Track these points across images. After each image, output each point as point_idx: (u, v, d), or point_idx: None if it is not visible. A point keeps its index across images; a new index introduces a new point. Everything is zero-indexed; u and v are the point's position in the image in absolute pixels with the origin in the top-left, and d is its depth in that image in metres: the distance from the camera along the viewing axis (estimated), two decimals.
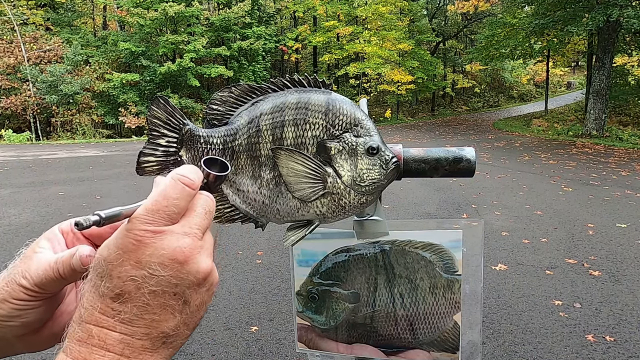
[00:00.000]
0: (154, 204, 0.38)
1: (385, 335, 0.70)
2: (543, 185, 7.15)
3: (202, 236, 0.40)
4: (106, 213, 0.36)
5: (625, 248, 4.21)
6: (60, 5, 22.55)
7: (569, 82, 36.21)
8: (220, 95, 0.54)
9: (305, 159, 0.51)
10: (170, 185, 0.39)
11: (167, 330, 0.38)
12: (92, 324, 0.36)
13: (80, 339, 0.36)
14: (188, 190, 0.39)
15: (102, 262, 0.37)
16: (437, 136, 16.44)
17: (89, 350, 0.35)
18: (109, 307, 0.36)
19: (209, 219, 0.41)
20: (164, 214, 0.37)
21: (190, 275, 0.38)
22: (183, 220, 0.39)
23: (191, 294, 0.38)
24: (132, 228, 0.37)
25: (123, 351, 0.36)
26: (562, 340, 2.72)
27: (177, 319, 0.38)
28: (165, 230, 0.37)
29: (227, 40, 20.56)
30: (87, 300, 0.37)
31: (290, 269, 0.72)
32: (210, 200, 0.42)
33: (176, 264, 0.37)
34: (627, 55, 18.26)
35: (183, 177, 0.40)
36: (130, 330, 0.36)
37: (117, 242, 0.37)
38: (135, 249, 0.36)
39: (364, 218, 0.67)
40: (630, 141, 13.22)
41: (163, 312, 0.37)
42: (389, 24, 23.08)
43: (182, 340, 0.40)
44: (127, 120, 18.04)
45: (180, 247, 0.37)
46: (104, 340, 0.36)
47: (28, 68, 17.30)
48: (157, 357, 0.38)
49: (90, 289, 0.37)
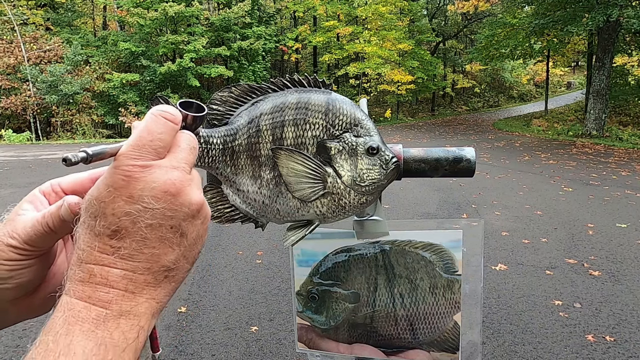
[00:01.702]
0: (139, 139, 0.37)
1: (385, 335, 0.70)
2: (543, 185, 7.15)
3: (189, 170, 0.40)
4: (92, 150, 0.37)
5: (625, 248, 4.21)
6: (60, 5, 22.56)
7: (569, 82, 36.21)
8: (220, 95, 0.54)
9: (305, 159, 0.51)
10: (152, 120, 0.39)
11: (168, 263, 0.38)
12: (92, 263, 0.36)
13: (81, 279, 0.35)
14: (171, 125, 0.39)
15: (93, 201, 0.36)
16: (437, 136, 16.44)
17: (93, 289, 0.35)
18: (107, 245, 0.36)
19: (194, 155, 0.41)
20: (150, 149, 0.37)
21: (184, 207, 0.38)
22: (169, 155, 0.39)
23: (187, 226, 0.38)
24: (120, 164, 0.36)
25: (127, 286, 0.36)
26: (562, 340, 2.72)
27: (177, 251, 0.38)
28: (153, 164, 0.37)
29: (227, 40, 20.56)
30: (84, 241, 0.36)
31: (290, 269, 0.72)
32: (193, 137, 0.42)
33: (169, 196, 0.37)
34: (627, 55, 18.27)
35: (164, 112, 0.39)
36: (132, 266, 0.36)
37: (107, 180, 0.36)
38: (126, 184, 0.36)
39: (364, 218, 0.67)
40: (630, 141, 13.22)
41: (162, 245, 0.37)
42: (389, 24, 23.09)
43: (183, 275, 0.40)
44: (127, 120, 18.02)
45: (171, 179, 0.37)
46: (106, 278, 0.35)
47: (28, 68, 17.30)
48: (161, 291, 0.38)
49: (85, 231, 0.37)
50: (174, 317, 3.03)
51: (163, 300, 0.38)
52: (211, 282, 3.57)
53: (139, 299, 0.36)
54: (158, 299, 0.38)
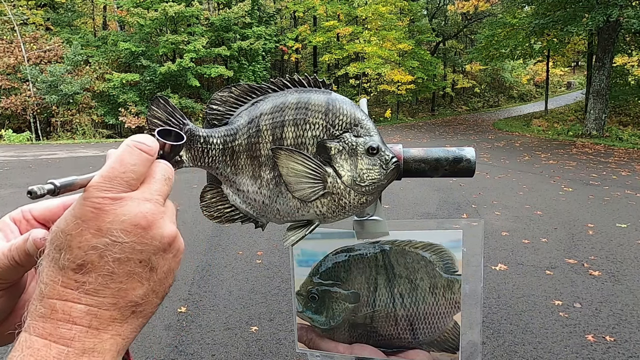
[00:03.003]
0: (111, 170, 0.36)
1: (385, 335, 0.70)
2: (543, 185, 7.15)
3: (163, 202, 0.39)
4: (60, 182, 0.35)
5: (625, 248, 4.21)
6: (60, 5, 22.55)
7: (569, 82, 36.21)
8: (220, 95, 0.54)
9: (305, 159, 0.51)
10: (126, 152, 0.38)
11: (136, 298, 0.36)
12: (55, 298, 0.34)
13: (43, 315, 0.34)
14: (145, 156, 0.38)
15: (59, 233, 0.35)
16: (437, 136, 16.44)
17: (54, 325, 0.34)
18: (72, 279, 0.34)
19: (169, 186, 0.40)
20: (122, 181, 0.36)
21: (155, 240, 0.37)
22: (142, 186, 0.38)
23: (158, 260, 0.37)
24: (89, 196, 0.35)
25: (91, 323, 0.34)
26: (562, 340, 2.72)
27: (145, 286, 0.37)
28: (124, 196, 0.36)
29: (227, 40, 20.55)
30: (47, 275, 0.35)
31: (290, 269, 0.72)
32: (169, 167, 0.41)
33: (139, 230, 0.36)
34: (627, 55, 18.28)
35: (139, 143, 0.38)
36: (97, 301, 0.35)
37: (75, 212, 0.35)
38: (95, 217, 0.34)
39: (364, 218, 0.67)
40: (630, 141, 13.22)
41: (130, 280, 0.36)
42: (389, 24, 23.08)
43: (152, 309, 0.38)
44: (127, 120, 18.03)
45: (142, 212, 0.36)
46: (69, 314, 0.34)
47: (28, 68, 17.30)
48: (127, 327, 0.36)
49: (49, 264, 0.35)
50: (174, 317, 3.03)
51: (129, 337, 0.37)
52: (211, 282, 3.57)
53: (104, 336, 0.35)
54: (124, 335, 0.36)
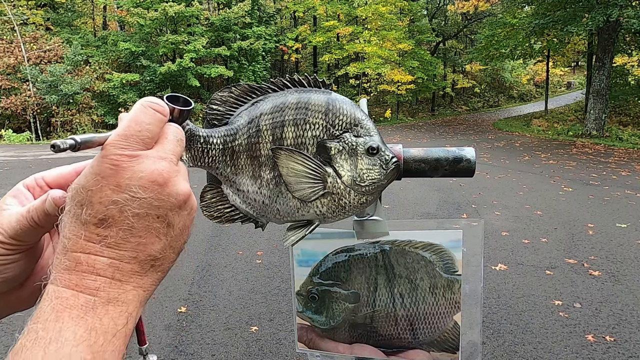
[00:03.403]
0: (127, 129, 0.37)
1: (385, 335, 0.70)
2: (543, 185, 7.15)
3: (177, 162, 0.40)
4: (81, 138, 0.36)
5: (625, 248, 4.21)
6: (60, 5, 22.56)
7: (569, 82, 36.21)
8: (220, 95, 0.54)
9: (305, 159, 0.51)
10: (140, 111, 0.39)
11: (154, 253, 0.38)
12: (79, 251, 0.35)
13: (67, 267, 0.35)
14: (159, 116, 0.39)
15: (80, 190, 0.36)
16: (437, 136, 16.44)
17: (79, 277, 0.35)
18: (94, 233, 0.36)
19: (181, 147, 0.42)
20: (138, 139, 0.37)
21: (171, 197, 0.38)
22: (157, 146, 0.39)
23: (174, 217, 0.39)
24: (108, 154, 0.36)
25: (114, 274, 0.36)
26: (562, 340, 2.72)
27: (163, 241, 0.38)
28: (141, 154, 0.37)
29: (227, 40, 20.55)
30: (70, 230, 0.36)
31: (290, 269, 0.72)
32: (180, 130, 0.42)
33: (156, 186, 0.37)
34: (627, 55, 18.27)
35: (152, 103, 0.40)
36: (118, 254, 0.36)
37: (94, 169, 0.36)
38: (114, 173, 0.36)
39: (364, 218, 0.67)
40: (630, 141, 13.22)
41: (148, 235, 0.37)
42: (389, 24, 23.08)
43: (169, 264, 0.40)
44: None
45: (158, 169, 0.37)
46: (92, 266, 0.35)
47: (28, 68, 17.30)
48: (147, 280, 0.38)
49: (71, 219, 0.36)
50: (174, 317, 3.03)
51: (150, 289, 0.38)
52: (211, 282, 3.57)
53: (127, 287, 0.36)
54: (145, 287, 0.38)
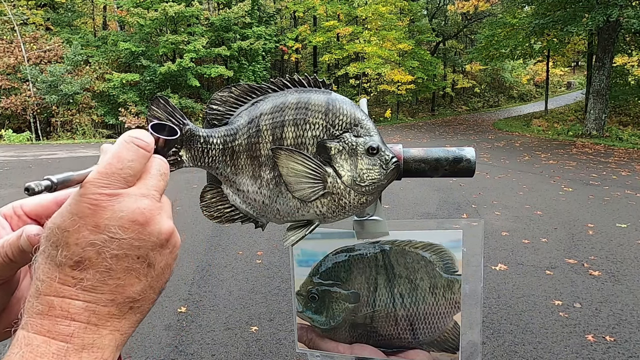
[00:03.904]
0: (108, 167, 0.36)
1: (385, 335, 0.70)
2: (543, 185, 7.15)
3: (159, 198, 0.39)
4: (58, 178, 0.35)
5: (625, 248, 4.21)
6: (60, 5, 22.55)
7: (569, 82, 36.20)
8: (220, 95, 0.54)
9: (305, 159, 0.51)
10: (123, 147, 0.37)
11: (133, 294, 0.36)
12: (52, 295, 0.34)
13: (40, 312, 0.34)
14: (142, 152, 0.38)
15: (55, 230, 0.35)
16: (437, 136, 16.44)
17: (52, 322, 0.33)
18: (69, 276, 0.34)
19: (165, 181, 0.40)
20: (119, 177, 0.36)
21: (152, 236, 0.37)
22: (139, 182, 0.38)
23: (155, 256, 0.37)
24: (87, 192, 0.35)
25: (89, 319, 0.34)
26: (562, 340, 2.72)
27: (143, 282, 0.37)
28: (121, 192, 0.36)
29: (227, 40, 20.55)
30: (44, 272, 0.35)
31: (290, 269, 0.72)
32: (164, 162, 0.41)
33: (137, 226, 0.36)
34: (627, 55, 18.27)
35: (136, 138, 0.38)
36: (95, 298, 0.35)
37: (72, 208, 0.35)
38: (92, 213, 0.34)
39: (364, 218, 0.67)
40: (630, 141, 13.22)
41: (127, 277, 0.36)
42: (389, 24, 23.08)
43: (149, 305, 0.38)
44: (127, 120, 18.02)
45: (140, 208, 0.36)
46: (67, 310, 0.34)
47: (28, 68, 17.29)
48: (125, 323, 0.36)
49: (45, 261, 0.35)
50: (174, 317, 3.03)
51: (127, 332, 0.37)
52: (211, 282, 3.57)
53: (103, 331, 0.35)
54: (122, 330, 0.36)
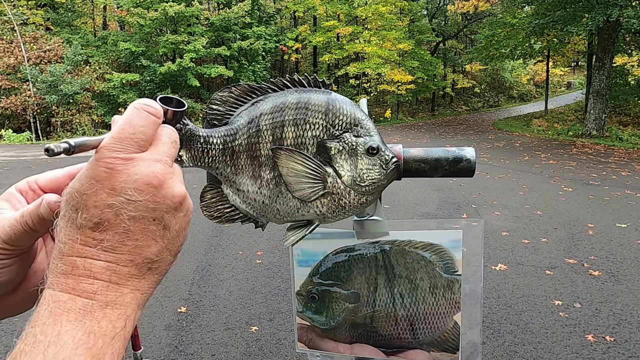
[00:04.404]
0: (121, 132, 0.37)
1: (385, 335, 0.70)
2: (543, 185, 7.15)
3: (171, 163, 0.40)
4: (75, 141, 0.36)
5: (625, 248, 4.21)
6: (60, 5, 22.56)
7: (569, 82, 36.21)
8: (220, 95, 0.54)
9: (305, 159, 0.51)
10: (135, 114, 0.39)
11: (151, 255, 0.38)
12: (75, 255, 0.35)
13: (64, 272, 0.35)
14: (153, 119, 0.40)
15: (75, 194, 0.36)
16: (437, 136, 16.44)
17: (76, 281, 0.35)
18: (90, 237, 0.36)
19: (176, 149, 0.42)
20: (133, 142, 0.37)
21: (167, 199, 0.38)
22: (151, 148, 0.39)
23: (170, 219, 0.39)
24: (102, 157, 0.36)
25: (111, 278, 0.36)
26: (562, 340, 2.72)
27: (159, 244, 0.38)
28: (135, 157, 0.37)
29: (227, 40, 20.55)
30: (65, 234, 0.36)
31: (290, 269, 0.72)
32: (174, 131, 0.42)
33: (151, 189, 0.37)
34: (627, 55, 18.27)
35: (146, 105, 0.40)
36: (115, 258, 0.36)
37: (89, 172, 0.36)
38: (108, 176, 0.36)
39: (364, 218, 0.67)
40: (630, 141, 13.22)
41: (145, 238, 0.37)
42: (389, 24, 23.08)
43: (167, 266, 0.40)
44: None
45: (153, 171, 0.37)
46: (89, 269, 0.35)
47: (28, 68, 17.30)
48: (144, 283, 0.38)
49: (66, 224, 0.36)
50: (174, 317, 3.03)
51: (147, 292, 0.38)
52: (211, 282, 3.57)
53: (124, 290, 0.36)
54: (142, 290, 0.38)
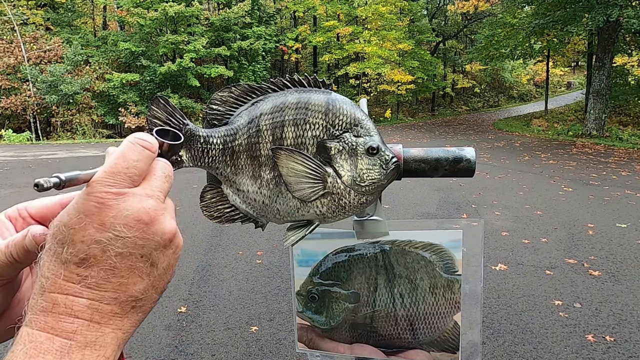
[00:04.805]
0: (114, 166, 0.37)
1: (385, 335, 0.70)
2: (543, 185, 7.15)
3: (164, 199, 0.39)
4: (66, 176, 0.36)
5: (625, 248, 4.21)
6: (60, 5, 22.55)
7: (569, 82, 36.21)
8: (220, 95, 0.54)
9: (305, 159, 0.51)
10: (129, 148, 0.38)
11: (136, 293, 0.37)
12: (57, 292, 0.34)
13: (44, 309, 0.34)
14: (147, 153, 0.39)
15: (62, 227, 0.35)
16: (437, 136, 16.44)
17: (56, 319, 0.34)
18: (74, 273, 0.35)
19: (169, 183, 0.41)
20: (125, 176, 0.37)
21: (156, 236, 0.37)
22: (144, 183, 0.39)
23: (158, 256, 0.38)
24: (93, 191, 0.35)
25: (92, 317, 0.35)
26: (562, 340, 2.72)
27: (146, 281, 0.37)
28: (127, 192, 0.36)
29: (227, 40, 20.56)
30: (49, 269, 0.35)
31: (290, 269, 0.72)
32: (169, 165, 0.42)
33: (141, 225, 0.36)
34: (627, 55, 18.27)
35: (141, 140, 0.39)
36: (98, 295, 0.35)
37: (78, 206, 0.35)
38: (98, 211, 0.35)
39: (364, 218, 0.67)
40: (630, 141, 13.22)
41: (131, 275, 0.36)
42: (389, 24, 23.08)
43: (151, 305, 0.39)
44: (127, 120, 18.03)
45: (144, 207, 0.36)
46: (70, 307, 0.34)
47: (28, 68, 17.30)
48: (127, 322, 0.37)
49: (50, 258, 0.35)
50: (174, 317, 3.03)
51: (129, 331, 0.37)
52: (211, 282, 3.57)
53: (105, 330, 0.35)
54: (124, 329, 0.37)
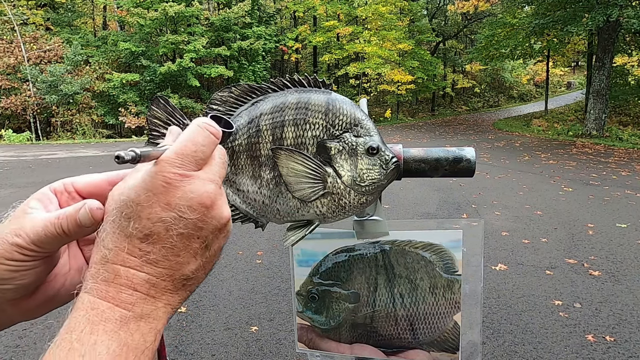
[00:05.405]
0: (184, 148, 0.38)
1: (385, 335, 0.70)
2: (543, 185, 7.15)
3: (221, 184, 0.41)
4: (142, 151, 0.37)
5: (625, 248, 4.21)
6: (60, 5, 22.55)
7: (569, 82, 36.21)
8: (220, 95, 0.55)
9: (305, 159, 0.51)
10: (198, 132, 0.39)
11: (188, 272, 0.39)
12: (119, 264, 0.36)
13: (106, 279, 0.36)
14: (213, 139, 0.40)
15: (129, 203, 0.37)
16: (437, 136, 16.44)
17: (117, 290, 0.36)
18: (137, 248, 0.37)
19: (225, 170, 0.43)
20: (192, 159, 0.38)
21: (215, 220, 0.39)
22: (206, 167, 0.40)
23: (212, 239, 0.40)
24: (162, 170, 0.37)
25: (149, 291, 0.37)
26: (562, 340, 2.72)
27: (198, 262, 0.39)
28: (193, 174, 0.38)
29: (227, 40, 20.56)
30: (112, 241, 0.37)
31: (290, 269, 0.72)
32: (224, 151, 0.43)
33: (203, 208, 0.38)
34: (627, 55, 18.27)
35: (209, 125, 0.41)
36: (156, 271, 0.37)
37: (146, 184, 0.37)
38: (165, 191, 0.37)
39: (364, 218, 0.67)
40: (630, 141, 13.22)
41: (187, 255, 0.38)
42: (389, 24, 23.08)
43: (198, 284, 0.41)
44: (127, 120, 18.04)
45: (207, 191, 0.38)
46: (131, 280, 0.36)
47: (28, 68, 17.29)
48: (177, 298, 0.39)
49: (114, 230, 0.37)
50: (174, 317, 3.02)
51: (177, 307, 0.39)
52: (211, 282, 3.57)
53: (158, 304, 0.37)
54: (173, 305, 0.39)
